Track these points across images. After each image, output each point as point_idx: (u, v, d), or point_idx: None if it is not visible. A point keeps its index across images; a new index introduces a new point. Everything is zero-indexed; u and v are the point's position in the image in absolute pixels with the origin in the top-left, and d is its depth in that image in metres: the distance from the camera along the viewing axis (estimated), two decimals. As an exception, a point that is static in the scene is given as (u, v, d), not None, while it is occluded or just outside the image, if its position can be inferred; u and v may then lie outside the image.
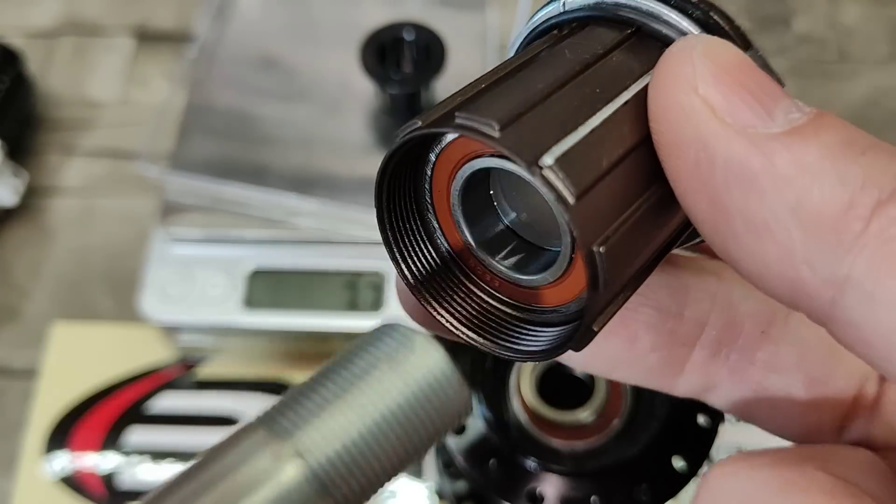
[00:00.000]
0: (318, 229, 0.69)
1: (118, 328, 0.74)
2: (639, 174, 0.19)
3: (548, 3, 0.22)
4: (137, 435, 0.69)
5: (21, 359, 0.73)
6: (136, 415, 0.70)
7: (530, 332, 0.23)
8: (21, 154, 0.81)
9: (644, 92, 0.19)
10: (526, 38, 0.24)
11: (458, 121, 0.19)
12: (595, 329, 0.20)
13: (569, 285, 0.21)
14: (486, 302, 0.23)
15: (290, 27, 0.81)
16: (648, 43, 0.21)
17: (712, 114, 0.17)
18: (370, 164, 0.22)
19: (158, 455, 0.68)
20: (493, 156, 0.20)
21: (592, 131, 0.18)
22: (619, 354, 0.26)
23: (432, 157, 0.22)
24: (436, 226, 0.23)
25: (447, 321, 0.23)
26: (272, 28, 0.81)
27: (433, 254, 0.23)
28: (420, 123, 0.20)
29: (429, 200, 0.23)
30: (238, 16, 0.81)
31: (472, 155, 0.21)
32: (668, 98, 0.18)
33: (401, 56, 0.70)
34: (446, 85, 0.71)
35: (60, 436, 0.69)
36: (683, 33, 0.20)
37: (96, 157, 0.83)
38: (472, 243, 0.23)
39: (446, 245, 0.23)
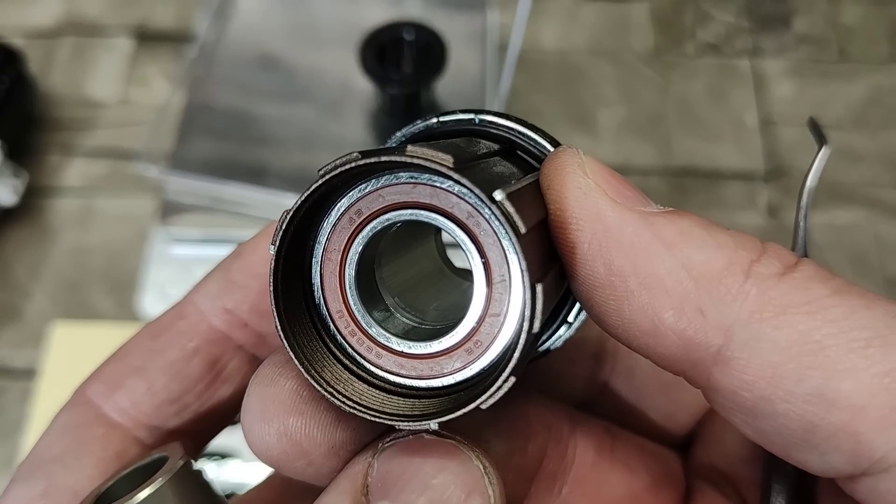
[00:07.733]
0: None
1: (118, 328, 0.74)
2: (546, 247, 0.21)
3: (430, 118, 0.25)
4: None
5: (21, 359, 0.73)
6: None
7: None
8: (21, 154, 0.81)
9: (536, 184, 0.22)
10: (410, 137, 0.25)
11: (409, 153, 0.19)
12: (512, 379, 0.19)
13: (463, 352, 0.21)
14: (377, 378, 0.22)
15: (290, 27, 0.81)
16: (517, 154, 0.25)
17: (604, 193, 0.21)
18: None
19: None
20: (414, 208, 0.20)
21: (518, 191, 0.20)
22: None
23: (321, 238, 0.22)
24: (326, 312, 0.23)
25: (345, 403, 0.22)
26: (272, 28, 0.81)
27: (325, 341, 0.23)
28: (357, 156, 0.19)
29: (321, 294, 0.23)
30: (238, 16, 0.81)
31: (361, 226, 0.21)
32: (566, 179, 0.21)
33: (401, 56, 0.70)
34: (446, 85, 0.71)
35: (60, 436, 0.69)
36: (542, 147, 0.24)
37: (96, 157, 0.83)
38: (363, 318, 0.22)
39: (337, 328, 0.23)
